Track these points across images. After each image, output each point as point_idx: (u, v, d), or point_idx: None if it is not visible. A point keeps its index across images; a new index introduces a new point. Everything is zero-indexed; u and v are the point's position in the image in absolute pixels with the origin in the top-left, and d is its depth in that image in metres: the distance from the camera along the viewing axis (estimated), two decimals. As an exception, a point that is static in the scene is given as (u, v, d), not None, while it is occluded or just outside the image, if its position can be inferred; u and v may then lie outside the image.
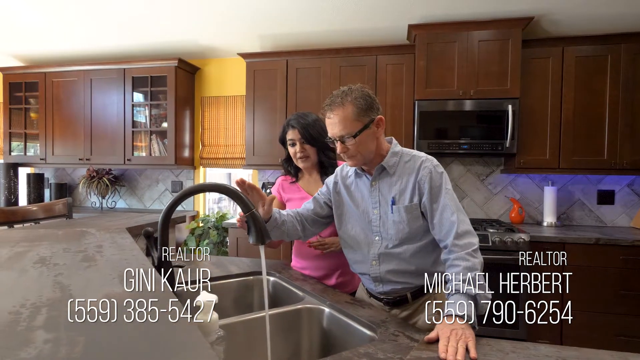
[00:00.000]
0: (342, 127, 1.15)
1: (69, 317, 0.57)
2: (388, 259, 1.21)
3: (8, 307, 0.61)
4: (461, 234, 1.07)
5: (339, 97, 1.16)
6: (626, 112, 2.69)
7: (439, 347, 0.88)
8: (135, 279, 0.77)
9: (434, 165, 1.17)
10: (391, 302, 1.24)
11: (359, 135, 1.15)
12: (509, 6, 2.61)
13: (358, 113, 1.15)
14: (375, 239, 1.23)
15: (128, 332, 0.54)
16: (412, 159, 1.20)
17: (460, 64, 2.80)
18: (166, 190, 3.80)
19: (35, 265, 0.87)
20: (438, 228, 1.12)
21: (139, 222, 1.61)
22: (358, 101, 1.15)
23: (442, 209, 1.12)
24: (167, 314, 0.60)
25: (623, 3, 2.50)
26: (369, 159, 1.20)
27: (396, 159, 1.21)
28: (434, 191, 1.14)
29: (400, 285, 1.21)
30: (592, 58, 2.73)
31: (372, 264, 1.23)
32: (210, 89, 3.69)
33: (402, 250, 1.19)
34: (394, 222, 1.19)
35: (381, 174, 1.22)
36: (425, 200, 1.14)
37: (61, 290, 0.69)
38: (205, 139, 3.70)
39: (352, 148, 1.16)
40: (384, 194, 1.22)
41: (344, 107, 1.15)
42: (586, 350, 0.88)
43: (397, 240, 1.19)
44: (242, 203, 0.95)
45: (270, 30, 3.08)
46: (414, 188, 1.17)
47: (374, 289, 1.27)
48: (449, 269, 1.07)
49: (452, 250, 1.07)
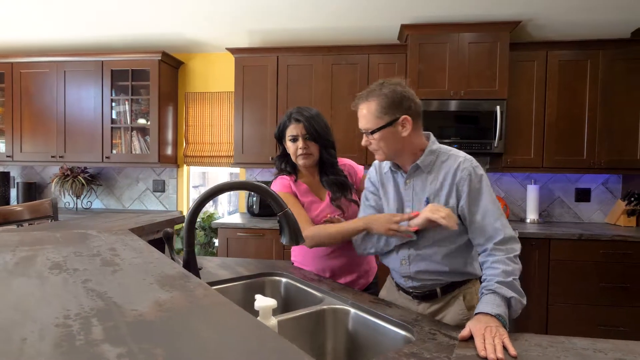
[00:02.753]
0: (365, 122, 1.15)
1: (128, 328, 0.51)
2: (418, 260, 1.19)
3: (50, 319, 0.54)
4: (505, 240, 1.06)
5: (366, 91, 1.15)
6: (604, 114, 2.83)
7: (476, 345, 0.88)
8: (177, 283, 0.71)
9: (474, 167, 1.13)
10: (420, 296, 1.23)
11: (378, 132, 1.13)
12: (498, 10, 2.68)
13: (380, 110, 1.13)
14: (404, 238, 1.21)
15: (207, 340, 0.49)
16: (449, 158, 1.17)
17: (451, 64, 2.85)
18: (147, 190, 3.64)
19: (52, 271, 0.79)
20: (479, 232, 1.10)
21: (139, 222, 1.51)
22: (383, 98, 1.13)
23: (484, 214, 1.09)
24: (235, 320, 0.55)
25: (602, 11, 2.63)
26: (394, 155, 1.17)
27: (432, 158, 1.18)
28: (473, 194, 1.11)
29: (430, 282, 1.20)
30: (573, 62, 2.85)
31: (402, 263, 1.21)
32: (195, 84, 3.57)
33: (433, 252, 1.17)
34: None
35: (416, 172, 1.20)
36: (464, 204, 1.12)
37: (101, 299, 0.63)
38: (190, 136, 3.57)
39: (374, 143, 1.15)
40: (417, 193, 1.19)
41: (368, 102, 1.14)
42: (618, 342, 0.91)
43: (429, 241, 1.17)
44: (275, 202, 0.91)
45: (260, 26, 3.01)
46: (450, 189, 1.13)
47: (403, 284, 1.26)
48: (486, 270, 1.06)
49: (493, 253, 1.06)
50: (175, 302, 0.61)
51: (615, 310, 2.54)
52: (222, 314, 0.58)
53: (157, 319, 0.55)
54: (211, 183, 5.01)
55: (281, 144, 1.49)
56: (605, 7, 2.57)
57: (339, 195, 1.39)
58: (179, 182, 3.62)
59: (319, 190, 1.47)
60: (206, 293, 0.66)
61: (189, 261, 0.90)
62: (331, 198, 1.40)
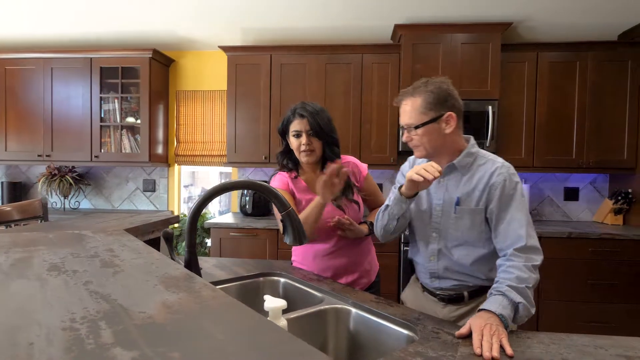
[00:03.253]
0: (409, 116, 1.15)
1: (139, 331, 0.50)
2: (446, 258, 1.20)
3: (55, 322, 0.53)
4: (526, 248, 1.06)
5: (412, 87, 1.16)
6: (592, 115, 2.89)
7: (473, 341, 0.89)
8: (182, 284, 0.70)
9: (510, 174, 1.13)
10: (446, 298, 1.22)
11: (422, 128, 1.13)
12: (490, 11, 2.71)
13: (425, 106, 1.13)
14: (433, 235, 1.22)
15: (222, 342, 0.48)
16: (487, 162, 1.17)
17: (444, 65, 2.87)
18: (137, 190, 3.58)
19: (51, 273, 0.77)
20: (502, 237, 1.10)
21: (133, 223, 1.48)
22: (429, 94, 1.13)
23: (510, 220, 1.09)
24: (249, 321, 0.54)
25: (591, 14, 2.68)
26: (435, 153, 1.17)
27: (470, 160, 1.18)
28: (504, 199, 1.11)
29: (457, 282, 1.20)
30: (563, 64, 2.90)
31: (430, 259, 1.22)
32: (187, 82, 3.52)
33: (460, 253, 1.17)
34: (455, 223, 1.17)
35: (451, 172, 1.20)
36: (493, 207, 1.12)
37: (105, 301, 0.61)
38: (181, 135, 3.53)
39: (416, 139, 1.15)
40: (449, 192, 1.19)
41: (413, 98, 1.15)
42: (617, 338, 0.92)
43: (455, 240, 1.17)
44: (278, 201, 0.89)
45: (253, 24, 2.99)
46: (482, 192, 1.13)
47: (429, 284, 1.25)
48: (500, 273, 1.06)
49: (511, 258, 1.06)
50: (184, 304, 0.60)
51: (605, 307, 2.60)
52: (233, 315, 0.57)
53: (168, 322, 0.53)
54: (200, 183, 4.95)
55: (284, 139, 1.46)
56: (593, 10, 2.62)
57: (340, 194, 1.37)
58: (169, 181, 3.57)
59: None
60: (214, 294, 0.65)
61: (190, 261, 0.88)
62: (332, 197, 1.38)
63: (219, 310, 0.59)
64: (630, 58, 2.83)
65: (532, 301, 1.01)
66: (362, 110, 3.02)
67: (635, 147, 2.84)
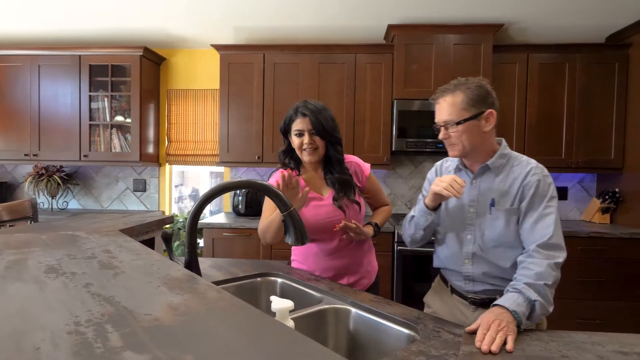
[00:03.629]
0: (448, 113, 1.14)
1: (147, 334, 0.49)
2: (482, 261, 1.18)
3: (60, 326, 0.51)
4: (548, 245, 1.06)
5: (452, 85, 1.15)
6: (581, 116, 2.94)
7: (477, 334, 0.90)
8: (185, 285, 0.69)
9: (544, 175, 1.14)
10: (478, 302, 1.21)
11: (463, 124, 1.12)
12: (482, 13, 2.74)
13: (467, 102, 1.13)
14: (468, 237, 1.21)
15: (233, 344, 0.47)
16: (520, 164, 1.17)
17: (437, 65, 2.90)
18: (127, 189, 3.52)
19: (49, 275, 0.75)
20: (527, 233, 1.10)
21: (128, 223, 1.45)
22: (470, 91, 1.13)
23: (539, 218, 1.09)
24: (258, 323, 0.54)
25: (580, 16, 2.73)
26: (470, 151, 1.16)
27: (503, 161, 1.18)
28: (536, 198, 1.11)
29: (492, 287, 1.18)
30: (552, 65, 2.95)
31: (465, 263, 1.21)
32: (178, 81, 3.48)
33: (497, 255, 1.16)
34: (491, 223, 1.16)
35: (484, 172, 1.20)
36: (525, 204, 1.12)
37: (109, 303, 0.60)
38: (172, 134, 3.49)
39: (454, 136, 1.14)
40: (483, 193, 1.19)
41: (454, 94, 1.14)
42: (612, 335, 0.94)
43: (492, 242, 1.16)
44: (280, 201, 0.89)
45: (246, 23, 2.97)
46: (517, 192, 1.13)
47: (462, 287, 1.24)
48: (520, 270, 1.06)
49: (532, 254, 1.06)
50: (190, 306, 0.59)
51: (593, 304, 2.65)
52: (242, 317, 0.57)
53: (176, 324, 0.52)
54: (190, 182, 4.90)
55: (286, 138, 1.45)
56: (582, 12, 2.67)
57: (342, 195, 1.36)
58: (160, 181, 3.52)
59: (321, 187, 1.43)
60: (220, 296, 0.64)
61: (191, 262, 0.87)
62: (333, 197, 1.37)
63: (227, 312, 0.58)
64: (617, 60, 2.90)
65: (550, 299, 1.00)
66: (356, 110, 3.03)
67: (622, 147, 2.90)
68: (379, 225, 1.48)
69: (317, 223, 1.35)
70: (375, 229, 1.44)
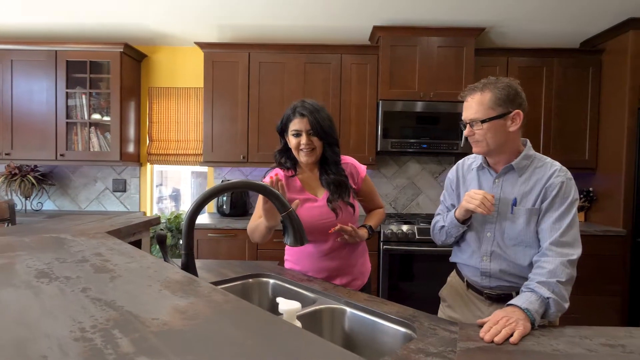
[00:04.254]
0: (474, 111, 1.15)
1: (159, 339, 0.48)
2: (500, 259, 1.20)
3: (64, 332, 0.49)
4: (562, 242, 1.08)
5: (482, 83, 1.16)
6: (558, 118, 3.06)
7: (483, 327, 0.93)
8: (188, 288, 0.68)
9: (567, 178, 1.14)
10: (494, 297, 1.23)
11: (488, 123, 1.13)
12: (464, 17, 2.80)
13: (495, 101, 1.14)
14: (487, 235, 1.22)
15: (252, 347, 0.47)
16: (544, 165, 1.18)
17: (421, 67, 2.94)
18: (106, 190, 3.42)
19: (41, 280, 0.72)
20: (545, 232, 1.12)
21: (114, 225, 1.41)
22: (499, 90, 1.14)
23: (559, 218, 1.11)
24: (270, 325, 0.53)
25: (556, 22, 2.83)
26: (495, 150, 1.17)
27: (527, 162, 1.19)
28: (558, 199, 1.12)
29: (508, 283, 1.20)
30: (531, 69, 3.05)
31: (483, 259, 1.22)
32: (160, 79, 3.40)
33: (515, 254, 1.18)
34: (512, 222, 1.17)
35: (508, 172, 1.21)
36: (546, 204, 1.13)
37: (111, 308, 0.58)
38: (154, 133, 3.40)
39: (478, 133, 1.14)
40: (505, 193, 1.20)
41: (482, 93, 1.15)
42: (597, 328, 0.98)
43: (511, 240, 1.18)
44: (278, 202, 0.88)
45: (230, 20, 2.93)
46: (540, 192, 1.15)
47: (478, 282, 1.25)
48: (535, 269, 1.08)
49: (546, 253, 1.08)
50: (197, 309, 0.58)
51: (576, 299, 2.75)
52: (252, 319, 0.56)
53: (187, 328, 0.51)
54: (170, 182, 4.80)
55: (282, 137, 1.43)
56: (558, 19, 2.77)
57: (336, 196, 1.36)
58: (141, 181, 3.44)
59: (316, 188, 1.42)
60: (226, 298, 0.63)
61: (188, 264, 0.85)
62: (328, 199, 1.37)
63: (236, 315, 0.57)
64: (591, 65, 3.02)
65: (564, 296, 1.02)
66: (341, 110, 3.04)
67: (596, 148, 3.03)
68: (373, 228, 1.49)
69: (310, 224, 1.34)
70: (369, 232, 1.45)
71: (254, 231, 1.32)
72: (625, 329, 0.98)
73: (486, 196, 1.13)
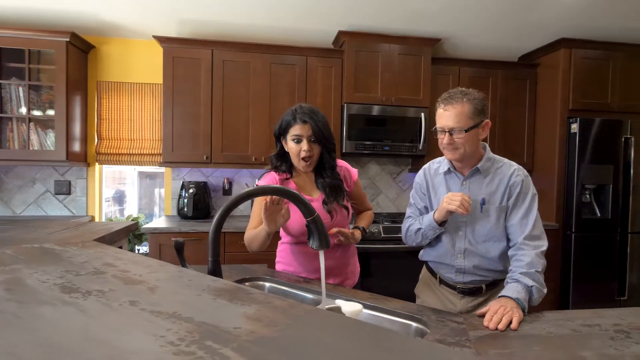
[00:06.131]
0: (457, 121, 1.22)
1: (260, 347, 0.48)
2: (473, 254, 1.30)
3: (154, 347, 0.47)
4: (533, 236, 1.22)
5: (459, 94, 1.24)
6: (501, 124, 3.38)
7: (485, 317, 1.03)
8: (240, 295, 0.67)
9: (525, 175, 1.31)
10: (467, 291, 1.34)
11: (469, 132, 1.22)
12: (423, 27, 2.99)
13: (473, 112, 1.23)
14: (459, 234, 1.32)
15: (353, 351, 0.49)
16: (504, 166, 1.32)
17: (383, 72, 3.08)
18: (47, 192, 3.09)
19: (72, 295, 0.66)
20: (515, 228, 1.25)
21: (96, 232, 1.30)
22: (475, 102, 1.24)
23: (525, 214, 1.25)
24: (355, 327, 0.55)
25: (501, 37, 3.14)
26: (468, 155, 1.27)
27: (489, 164, 1.32)
28: (521, 196, 1.27)
29: (480, 277, 1.32)
30: (478, 79, 3.33)
31: (458, 257, 1.32)
32: (110, 72, 3.16)
33: (486, 248, 1.29)
34: (482, 220, 1.28)
35: (474, 175, 1.31)
36: (511, 202, 1.27)
37: (181, 320, 0.56)
38: (103, 131, 3.15)
39: (458, 141, 1.23)
40: (473, 193, 1.30)
41: (462, 104, 1.23)
42: (570, 311, 1.13)
43: (482, 237, 1.28)
44: (305, 208, 0.90)
45: (192, 15, 2.82)
46: (504, 191, 1.28)
47: (452, 279, 1.35)
48: (513, 262, 1.21)
49: (521, 247, 1.21)
50: (270, 316, 0.58)
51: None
52: (327, 322, 0.58)
53: (277, 335, 0.52)
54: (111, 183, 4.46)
55: (279, 141, 1.43)
56: (501, 34, 3.08)
57: (332, 199, 1.39)
58: (89, 182, 3.16)
59: (311, 190, 1.44)
60: (288, 303, 0.64)
61: (215, 271, 0.83)
62: (323, 201, 1.39)
63: (309, 319, 0.58)
64: (528, 77, 3.39)
65: (543, 283, 1.17)
66: (307, 112, 3.07)
67: (532, 152, 3.40)
68: (366, 230, 1.54)
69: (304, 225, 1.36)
70: (363, 233, 1.50)
71: (253, 240, 1.30)
72: (592, 311, 1.14)
73: (464, 197, 1.24)
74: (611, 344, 0.92)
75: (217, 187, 3.28)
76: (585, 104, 3.11)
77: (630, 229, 3.07)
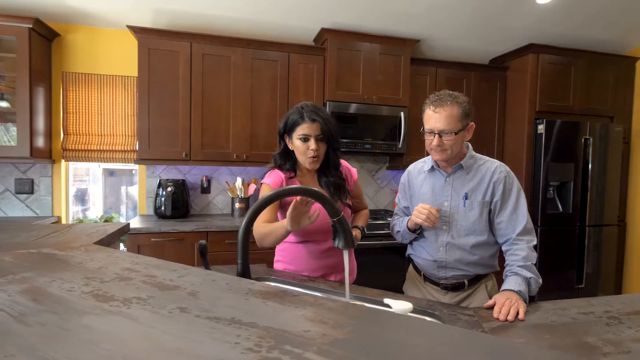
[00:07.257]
0: (447, 123, 1.26)
1: (341, 349, 0.48)
2: (455, 248, 1.35)
3: (233, 354, 0.46)
4: (526, 231, 1.29)
5: (449, 96, 1.27)
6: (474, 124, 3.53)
7: (494, 310, 1.08)
8: (288, 298, 0.67)
9: (507, 171, 1.36)
10: (450, 287, 1.39)
11: (458, 134, 1.27)
12: (402, 28, 3.07)
13: (461, 115, 1.28)
14: (443, 228, 1.36)
15: (438, 350, 0.50)
16: (486, 162, 1.38)
17: (365, 71, 3.12)
18: (7, 191, 2.85)
19: (111, 303, 0.62)
20: (505, 225, 1.30)
21: (94, 235, 1.22)
22: (463, 105, 1.28)
23: (514, 209, 1.31)
24: (420, 326, 0.57)
25: (473, 40, 3.29)
26: (454, 155, 1.33)
27: (472, 161, 1.38)
28: (507, 192, 1.32)
29: (461, 272, 1.36)
30: (453, 80, 3.46)
31: (440, 250, 1.36)
32: (77, 63, 2.96)
33: (467, 242, 1.34)
34: (465, 214, 1.33)
35: (457, 171, 1.36)
36: (498, 199, 1.31)
37: (246, 325, 0.54)
38: (70, 125, 2.95)
39: (447, 143, 1.27)
40: (456, 189, 1.35)
41: (452, 106, 1.26)
42: (564, 301, 1.21)
43: (464, 230, 1.33)
44: (331, 207, 0.90)
45: (168, 5, 2.71)
46: (487, 187, 1.33)
47: (435, 274, 1.39)
48: (509, 257, 1.27)
49: (515, 242, 1.28)
50: (331, 318, 0.59)
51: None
52: (393, 321, 0.59)
53: (350, 337, 0.52)
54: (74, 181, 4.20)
55: (283, 139, 1.41)
56: (474, 38, 3.23)
57: (336, 198, 1.39)
58: (54, 181, 2.95)
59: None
60: (341, 304, 0.64)
61: (244, 273, 0.81)
62: None
63: (375, 319, 0.59)
64: (499, 80, 3.56)
65: (538, 274, 1.24)
66: (289, 109, 3.04)
67: (502, 151, 3.59)
68: (365, 229, 1.56)
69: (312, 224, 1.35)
70: (362, 232, 1.52)
71: (267, 235, 1.27)
72: (584, 300, 1.23)
73: (431, 211, 1.31)
74: (608, 330, 1.00)
75: (195, 185, 3.18)
76: (550, 106, 3.33)
77: (588, 223, 3.33)
